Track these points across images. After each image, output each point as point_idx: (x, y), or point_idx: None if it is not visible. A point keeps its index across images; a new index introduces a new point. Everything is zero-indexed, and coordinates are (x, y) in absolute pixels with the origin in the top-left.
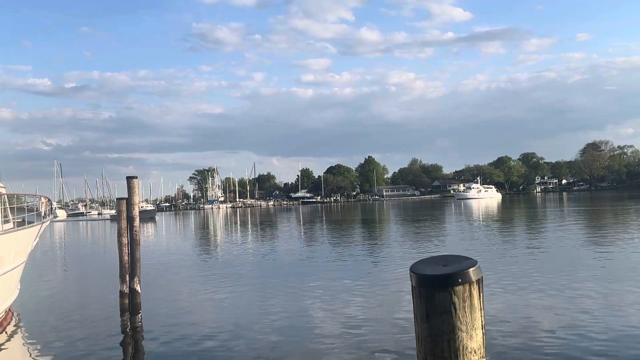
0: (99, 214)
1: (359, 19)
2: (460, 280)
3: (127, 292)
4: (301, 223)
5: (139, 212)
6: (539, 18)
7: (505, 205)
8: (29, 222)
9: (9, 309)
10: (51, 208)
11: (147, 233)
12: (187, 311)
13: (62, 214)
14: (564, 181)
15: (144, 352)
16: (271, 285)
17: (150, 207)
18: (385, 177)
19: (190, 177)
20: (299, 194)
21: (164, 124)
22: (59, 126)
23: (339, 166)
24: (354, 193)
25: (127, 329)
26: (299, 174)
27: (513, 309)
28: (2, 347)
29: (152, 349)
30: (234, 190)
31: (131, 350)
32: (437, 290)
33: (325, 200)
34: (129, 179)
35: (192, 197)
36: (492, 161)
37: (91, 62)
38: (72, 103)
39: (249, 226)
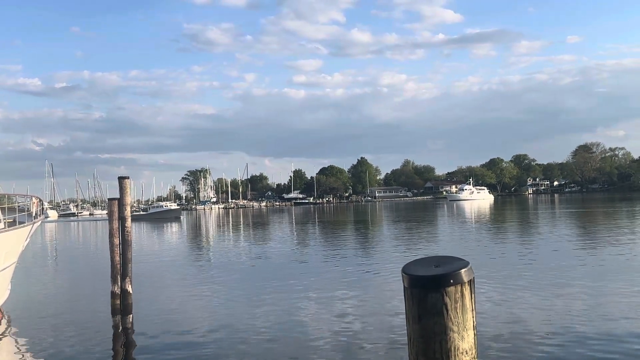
0: (90, 214)
1: (350, 20)
2: (452, 281)
3: (119, 292)
4: (293, 224)
5: (163, 211)
6: (529, 20)
7: (497, 206)
8: (20, 223)
9: (0, 310)
10: (42, 208)
11: (171, 234)
12: (178, 312)
13: (53, 214)
14: (555, 183)
15: (135, 353)
16: (262, 286)
17: (174, 206)
18: (377, 178)
19: (183, 178)
20: (292, 195)
21: (156, 124)
22: (50, 126)
23: (331, 167)
24: (347, 194)
25: (119, 330)
26: (292, 175)
27: (504, 309)
28: None
29: (143, 350)
30: (226, 191)
31: (122, 351)
32: (429, 291)
33: (318, 201)
34: (121, 179)
35: (184, 197)
36: (484, 163)
37: (81, 62)
38: (62, 103)
39: (241, 227)
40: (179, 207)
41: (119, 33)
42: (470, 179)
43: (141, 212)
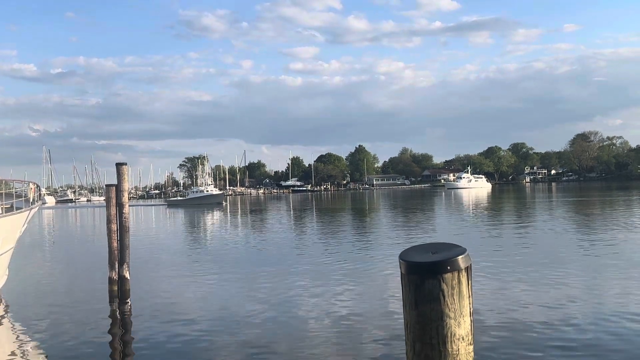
0: (88, 200)
1: (346, 8)
2: (449, 267)
3: (116, 278)
4: (291, 211)
5: (204, 196)
6: (526, 8)
7: (495, 195)
8: (18, 208)
9: None
10: (40, 194)
11: (212, 221)
12: (175, 298)
13: (51, 200)
14: (553, 171)
15: (132, 339)
16: (259, 272)
17: (216, 191)
18: (375, 166)
19: (180, 165)
20: (289, 183)
21: (153, 110)
22: (46, 112)
23: (329, 155)
24: (345, 182)
25: (116, 316)
26: (289, 163)
27: (501, 296)
28: None
29: (140, 336)
30: (224, 178)
31: (119, 336)
32: (426, 277)
33: (316, 189)
34: (119, 165)
35: (181, 184)
36: (482, 151)
37: (77, 48)
38: (58, 89)
39: (239, 214)
40: (221, 192)
41: (114, 18)
42: (468, 167)
43: (179, 198)
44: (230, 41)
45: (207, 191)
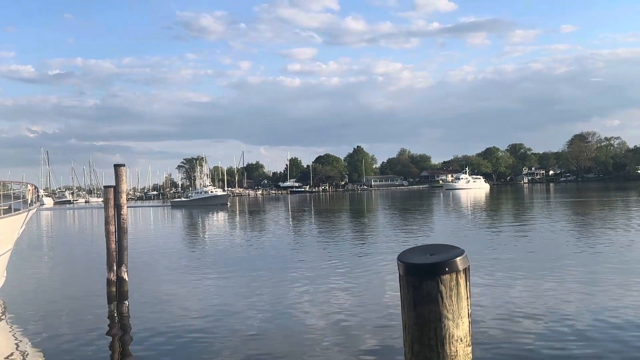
0: (86, 201)
1: (344, 9)
2: (447, 269)
3: (114, 280)
4: (289, 212)
5: (208, 197)
6: (523, 9)
7: (493, 195)
8: (16, 210)
9: None
10: (38, 196)
11: (217, 221)
12: (174, 299)
13: (49, 201)
14: (551, 172)
15: (130, 340)
16: (258, 273)
17: (220, 191)
18: (373, 167)
19: (179, 166)
20: (288, 184)
21: (151, 112)
22: (44, 113)
23: (327, 156)
24: (343, 183)
25: (114, 317)
26: (288, 163)
27: (499, 297)
28: None
29: (139, 337)
30: (222, 179)
31: (118, 338)
32: (424, 279)
33: (314, 190)
34: (117, 166)
35: (180, 185)
36: (480, 152)
37: (74, 49)
38: (56, 90)
39: (237, 215)
40: (226, 192)
41: (111, 20)
42: (466, 168)
43: (183, 199)
44: (228, 42)
45: (212, 192)
